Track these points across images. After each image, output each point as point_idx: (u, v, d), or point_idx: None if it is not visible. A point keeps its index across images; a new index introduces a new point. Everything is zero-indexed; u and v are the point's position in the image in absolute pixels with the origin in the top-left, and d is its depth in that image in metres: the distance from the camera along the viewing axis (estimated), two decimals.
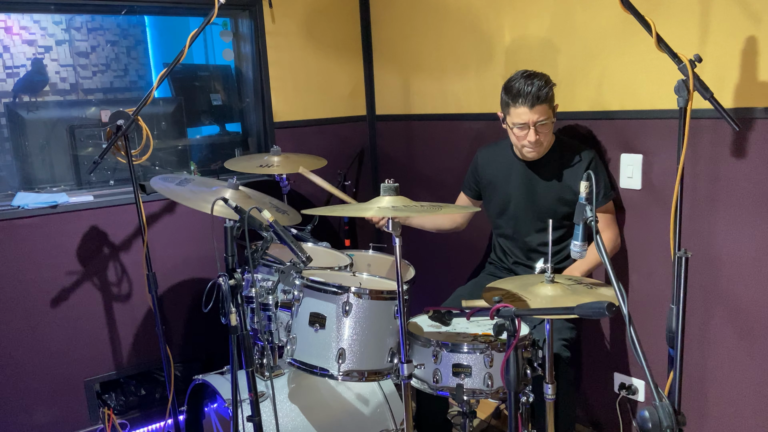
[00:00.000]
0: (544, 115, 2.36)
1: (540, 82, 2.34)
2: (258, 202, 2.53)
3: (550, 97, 2.36)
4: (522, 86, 2.35)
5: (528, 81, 2.35)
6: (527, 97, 2.34)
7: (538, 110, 2.35)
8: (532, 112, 2.35)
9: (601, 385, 2.78)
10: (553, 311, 1.78)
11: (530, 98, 2.34)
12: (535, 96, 2.33)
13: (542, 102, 2.34)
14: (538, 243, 2.58)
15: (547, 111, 2.37)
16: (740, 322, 2.26)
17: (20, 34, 3.64)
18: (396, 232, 1.87)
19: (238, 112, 3.63)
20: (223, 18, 3.48)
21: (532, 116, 2.36)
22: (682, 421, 1.22)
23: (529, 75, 2.37)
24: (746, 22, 2.08)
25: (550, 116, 2.39)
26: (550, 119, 2.38)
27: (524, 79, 2.36)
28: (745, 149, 2.15)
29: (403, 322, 1.92)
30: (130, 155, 2.45)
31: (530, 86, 2.33)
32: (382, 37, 3.65)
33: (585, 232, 1.74)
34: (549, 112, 2.37)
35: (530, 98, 2.34)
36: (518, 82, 2.36)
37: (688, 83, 1.78)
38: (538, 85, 2.33)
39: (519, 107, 2.36)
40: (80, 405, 2.97)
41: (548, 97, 2.35)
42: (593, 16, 2.53)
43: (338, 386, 2.50)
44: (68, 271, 2.87)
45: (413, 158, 3.58)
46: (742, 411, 2.31)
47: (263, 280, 2.30)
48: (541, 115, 2.35)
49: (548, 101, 2.36)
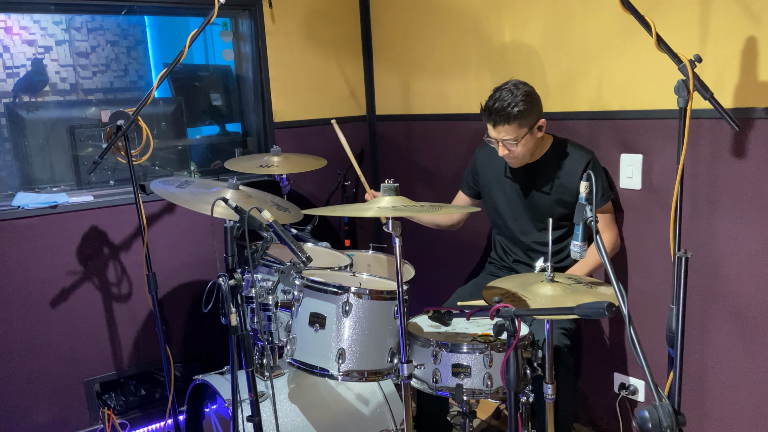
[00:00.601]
0: (509, 135, 2.32)
1: (509, 101, 2.28)
2: (259, 201, 2.53)
3: (517, 115, 2.28)
4: (490, 102, 2.32)
5: (496, 98, 2.30)
6: (490, 116, 2.33)
7: (502, 130, 2.33)
8: (496, 131, 2.35)
9: (601, 385, 2.78)
10: (553, 311, 1.78)
11: (493, 117, 2.32)
12: (498, 116, 2.30)
13: (506, 122, 2.30)
14: (537, 242, 2.58)
15: (515, 131, 2.31)
16: (740, 322, 2.26)
17: (20, 34, 3.64)
18: (396, 232, 1.87)
19: (238, 112, 3.63)
20: (223, 18, 3.48)
21: (496, 134, 2.35)
22: (682, 421, 1.22)
23: (503, 90, 2.31)
24: (746, 22, 2.08)
25: (519, 135, 2.33)
26: (518, 138, 2.33)
27: (496, 94, 2.32)
28: (745, 149, 2.15)
29: (403, 322, 1.92)
30: (130, 155, 2.45)
31: (498, 103, 2.29)
32: (382, 37, 3.65)
33: (585, 233, 1.74)
34: (517, 132, 2.32)
35: (493, 117, 2.32)
36: (492, 95, 2.33)
37: (688, 83, 1.78)
38: (507, 104, 2.27)
39: (486, 122, 2.36)
40: (80, 405, 2.97)
41: (512, 117, 2.28)
42: (593, 16, 2.53)
43: (338, 386, 2.50)
44: (68, 271, 2.87)
45: (413, 158, 3.58)
46: (742, 411, 2.31)
47: (263, 280, 2.30)
48: (506, 135, 2.33)
49: (516, 121, 2.29)
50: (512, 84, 2.34)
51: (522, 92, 2.31)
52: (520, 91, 2.31)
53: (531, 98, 2.32)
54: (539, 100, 2.38)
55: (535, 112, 2.34)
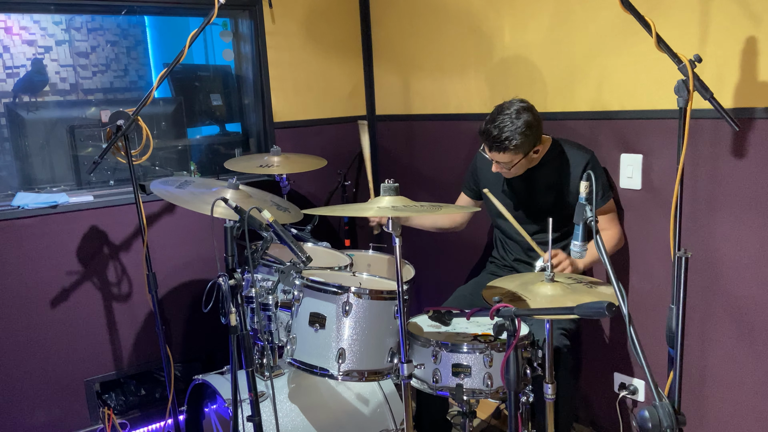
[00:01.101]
0: (504, 160, 2.34)
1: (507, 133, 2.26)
2: (259, 201, 2.52)
3: (513, 148, 2.28)
4: (489, 127, 2.32)
5: (495, 125, 2.29)
6: (487, 142, 2.34)
7: (497, 155, 2.34)
8: (492, 154, 2.37)
9: (601, 385, 2.78)
10: (553, 311, 1.78)
11: (489, 143, 2.34)
12: (495, 145, 2.31)
13: (501, 151, 2.31)
14: (537, 242, 2.58)
15: (509, 158, 2.33)
16: (740, 321, 2.26)
17: (20, 34, 3.64)
18: (396, 232, 1.87)
19: (238, 112, 3.63)
20: (223, 18, 3.48)
21: (492, 156, 2.37)
22: (682, 421, 1.22)
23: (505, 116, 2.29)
24: (746, 22, 2.08)
25: (514, 161, 2.34)
26: (513, 164, 2.35)
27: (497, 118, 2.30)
28: (745, 149, 2.15)
29: (403, 322, 1.92)
30: (130, 155, 2.45)
31: (497, 132, 2.29)
32: (382, 38, 3.65)
33: (585, 232, 1.74)
34: (512, 159, 2.33)
35: (489, 143, 2.34)
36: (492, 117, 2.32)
37: (688, 83, 1.78)
38: (505, 137, 2.27)
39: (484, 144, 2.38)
40: (80, 405, 2.97)
41: (509, 146, 2.28)
42: (593, 16, 2.53)
43: (338, 386, 2.50)
44: (68, 271, 2.87)
45: (413, 158, 3.58)
46: (742, 411, 2.31)
47: (263, 280, 2.30)
48: (501, 159, 2.35)
49: (510, 152, 2.30)
50: (515, 110, 2.29)
51: (522, 122, 2.27)
52: (521, 120, 2.27)
53: (530, 130, 2.29)
54: (539, 127, 2.36)
55: (531, 142, 2.33)
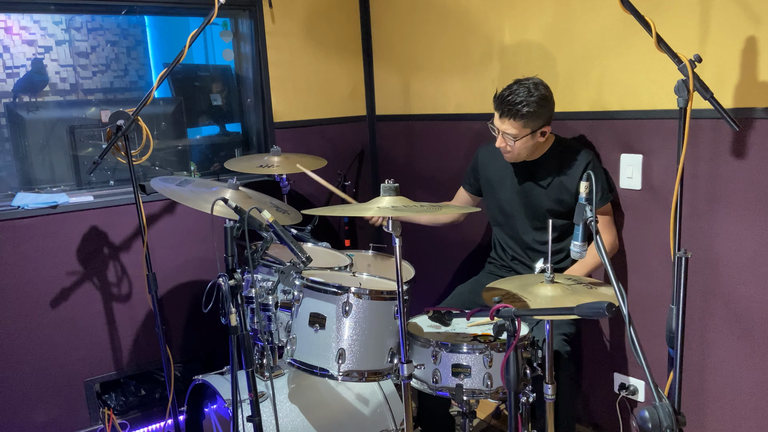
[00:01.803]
0: (511, 130, 2.34)
1: (522, 98, 2.28)
2: (258, 202, 2.53)
3: (525, 113, 2.29)
4: (505, 93, 2.33)
5: (512, 90, 2.32)
6: (500, 105, 2.34)
7: (506, 122, 2.34)
8: (500, 121, 2.36)
9: (601, 385, 2.78)
10: (553, 311, 1.78)
11: (501, 107, 2.34)
12: (507, 108, 2.31)
13: (511, 117, 2.31)
14: (535, 242, 2.58)
15: (518, 128, 2.33)
16: (740, 322, 2.26)
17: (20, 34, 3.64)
18: (396, 232, 1.87)
19: (238, 112, 3.63)
20: (223, 18, 3.48)
21: (500, 124, 2.37)
22: (682, 421, 1.22)
23: (522, 85, 2.32)
24: (746, 22, 2.08)
25: (520, 134, 2.34)
26: (518, 136, 2.35)
27: (514, 86, 2.33)
28: (745, 149, 2.15)
29: (403, 322, 1.92)
30: (130, 155, 2.45)
31: (512, 96, 2.31)
32: (382, 38, 3.65)
33: (585, 233, 1.74)
34: (519, 130, 2.33)
35: (501, 107, 2.34)
36: (510, 86, 2.34)
37: (688, 83, 1.78)
38: (519, 101, 2.28)
39: (495, 110, 2.38)
40: (80, 405, 2.97)
41: (521, 114, 2.29)
42: (593, 16, 2.53)
43: (338, 386, 2.50)
44: (68, 271, 2.87)
45: (413, 158, 3.58)
46: (742, 411, 2.31)
47: (263, 280, 2.30)
48: (509, 129, 2.34)
49: (521, 120, 2.31)
50: (533, 83, 2.33)
51: (539, 94, 2.30)
52: (538, 92, 2.30)
53: (544, 103, 2.32)
54: (552, 107, 2.37)
55: (543, 117, 2.34)
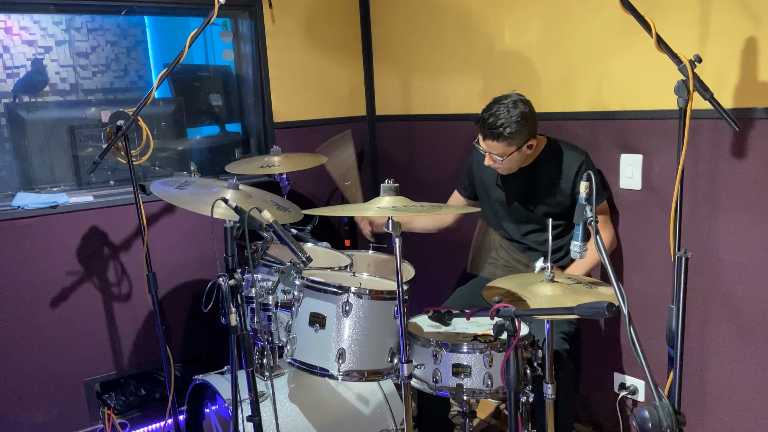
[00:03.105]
0: (495, 151, 2.33)
1: (503, 120, 2.26)
2: (259, 201, 2.52)
3: (506, 137, 2.28)
4: (485, 115, 2.32)
5: (491, 113, 2.30)
6: (482, 129, 2.33)
7: (490, 144, 2.33)
8: (485, 143, 2.36)
9: (601, 385, 2.78)
10: (553, 311, 1.78)
11: (483, 130, 2.33)
12: (489, 132, 2.30)
13: (494, 139, 2.30)
14: (533, 242, 2.58)
15: (502, 148, 2.32)
16: (740, 321, 2.26)
17: (20, 35, 3.64)
18: (396, 232, 1.87)
19: (238, 113, 3.63)
20: (223, 18, 3.48)
21: (485, 146, 2.37)
22: (682, 421, 1.22)
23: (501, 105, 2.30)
24: (746, 22, 2.08)
25: (506, 153, 2.33)
26: (504, 155, 2.34)
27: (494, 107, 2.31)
28: (745, 149, 2.15)
29: (403, 322, 1.92)
30: (130, 156, 2.45)
31: (492, 119, 2.29)
32: (382, 38, 3.65)
33: (584, 233, 1.74)
34: (504, 149, 2.32)
35: (483, 130, 2.33)
36: (489, 107, 2.33)
37: (688, 83, 1.78)
38: (499, 124, 2.27)
39: (479, 133, 2.37)
40: (80, 405, 2.97)
41: (503, 135, 2.28)
42: (593, 16, 2.53)
43: (338, 386, 2.50)
44: (68, 271, 2.87)
45: (413, 158, 3.58)
46: (742, 411, 2.31)
47: (263, 280, 2.30)
48: (493, 150, 2.34)
49: (504, 141, 2.29)
50: (511, 101, 2.31)
51: (518, 113, 2.28)
52: (517, 110, 2.28)
53: (525, 120, 2.30)
54: (534, 121, 2.36)
55: (526, 134, 2.32)
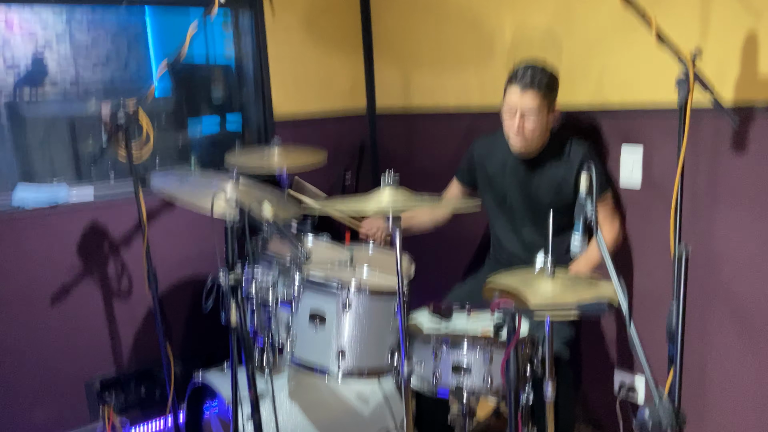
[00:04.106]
0: (533, 102, 2.32)
1: (540, 73, 2.33)
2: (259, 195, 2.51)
3: (545, 85, 2.32)
4: (521, 70, 2.35)
5: (526, 68, 2.35)
6: (521, 80, 2.33)
7: (528, 95, 2.32)
8: (521, 95, 2.33)
9: (601, 385, 2.78)
10: (554, 308, 1.77)
11: (523, 81, 2.33)
12: (528, 81, 2.32)
13: (534, 87, 2.31)
14: (535, 235, 2.57)
15: (539, 101, 2.32)
16: (740, 319, 2.26)
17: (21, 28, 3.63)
18: (397, 224, 1.86)
19: (238, 107, 3.62)
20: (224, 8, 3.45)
21: (520, 99, 2.33)
22: (682, 420, 1.22)
23: (529, 66, 2.35)
24: (747, 16, 2.06)
25: (541, 108, 2.34)
26: (539, 111, 2.34)
27: (526, 66, 2.36)
28: (746, 144, 2.14)
29: (403, 319, 1.91)
30: (131, 149, 2.44)
31: (531, 70, 2.33)
32: (383, 32, 3.63)
33: (585, 228, 1.74)
34: (540, 103, 2.33)
35: (523, 81, 2.33)
36: (520, 67, 2.36)
37: (689, 78, 1.77)
38: (538, 73, 2.32)
39: (512, 86, 2.36)
40: (80, 403, 2.96)
41: (542, 86, 2.32)
42: (593, 10, 2.51)
43: (338, 385, 2.50)
44: (68, 267, 2.87)
45: (413, 153, 3.57)
46: (742, 410, 2.31)
47: (263, 276, 2.29)
48: (530, 102, 2.32)
49: (542, 89, 2.32)
50: (540, 64, 2.38)
51: (549, 72, 2.37)
52: (548, 71, 2.37)
53: (554, 80, 2.39)
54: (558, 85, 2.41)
55: (554, 93, 2.39)
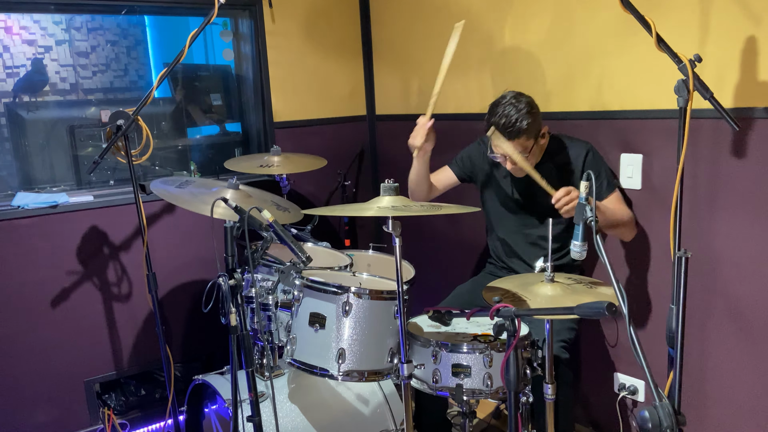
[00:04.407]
0: (520, 148, 2.31)
1: (516, 115, 2.25)
2: (259, 201, 2.52)
3: (526, 129, 2.27)
4: (498, 120, 2.29)
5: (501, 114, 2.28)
6: (504, 132, 2.29)
7: (516, 143, 2.30)
8: (508, 144, 2.30)
9: (601, 385, 2.78)
10: (553, 311, 1.78)
11: (506, 133, 2.28)
12: (510, 131, 2.27)
13: (518, 136, 2.28)
14: (535, 239, 2.57)
15: (524, 142, 2.30)
16: (740, 322, 2.26)
17: (20, 34, 3.63)
18: (396, 232, 1.87)
19: (238, 112, 3.63)
20: (223, 18, 3.48)
21: (508, 147, 2.30)
22: (682, 421, 1.22)
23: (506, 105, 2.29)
24: (746, 22, 2.08)
25: (528, 147, 2.32)
26: (527, 150, 2.33)
27: (499, 109, 2.29)
28: (745, 149, 2.15)
29: (403, 322, 1.92)
30: (130, 155, 2.45)
31: (506, 119, 2.27)
32: (382, 37, 3.65)
33: (585, 232, 1.74)
34: (526, 144, 2.31)
35: (506, 133, 2.28)
36: (495, 112, 2.31)
37: (688, 83, 1.78)
38: (515, 119, 2.25)
39: (497, 134, 2.31)
40: (80, 405, 2.97)
41: (525, 130, 2.27)
42: (593, 15, 2.53)
43: (338, 386, 2.50)
44: (68, 271, 2.87)
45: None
46: (741, 411, 2.31)
47: (263, 280, 2.30)
48: (518, 147, 2.30)
49: (525, 134, 2.28)
50: (512, 97, 2.31)
51: (524, 104, 2.29)
52: (521, 103, 2.29)
53: (533, 109, 2.32)
54: (538, 109, 2.36)
55: (538, 122, 2.34)
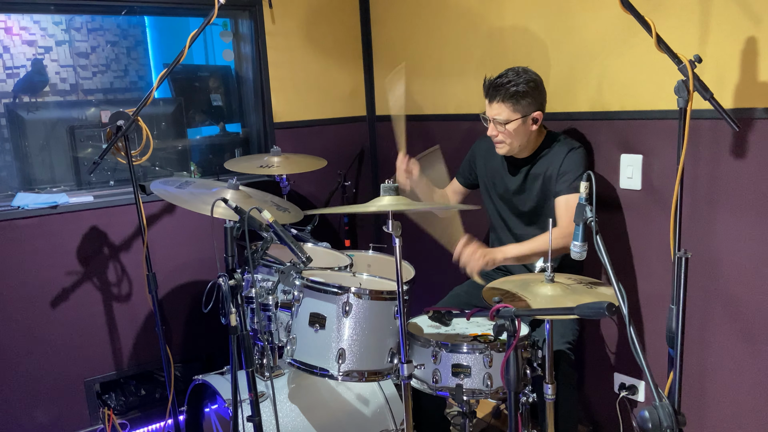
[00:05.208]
0: (501, 114, 2.30)
1: (511, 79, 2.26)
2: (259, 201, 2.52)
3: (513, 95, 2.26)
4: (493, 77, 2.31)
5: (502, 74, 2.30)
6: (488, 89, 2.31)
7: (495, 106, 2.31)
8: (489, 107, 2.33)
9: (601, 385, 2.78)
10: (553, 311, 1.78)
11: (490, 91, 2.31)
12: (494, 91, 2.28)
13: (499, 98, 2.28)
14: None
15: (507, 112, 2.29)
16: (740, 322, 2.26)
17: (20, 35, 3.64)
18: (396, 233, 1.87)
19: (238, 112, 3.63)
20: (223, 18, 3.48)
21: (489, 110, 2.33)
22: (682, 421, 1.22)
23: (511, 71, 2.31)
24: (746, 22, 2.08)
25: (511, 118, 2.30)
26: (509, 120, 2.31)
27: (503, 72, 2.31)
28: (745, 150, 2.15)
29: (403, 322, 1.92)
30: (130, 156, 2.45)
31: (499, 79, 2.28)
32: (382, 38, 3.65)
33: (585, 233, 1.74)
34: (509, 114, 2.30)
35: (490, 91, 2.31)
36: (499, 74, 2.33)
37: (688, 83, 1.78)
38: (507, 81, 2.26)
39: (485, 98, 2.34)
40: (80, 405, 2.97)
41: (510, 97, 2.27)
42: (593, 16, 2.53)
43: (338, 386, 2.50)
44: (68, 271, 2.87)
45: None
46: (741, 411, 2.31)
47: (263, 280, 2.30)
48: (498, 113, 2.30)
49: (510, 100, 2.27)
50: (522, 68, 2.33)
51: (527, 77, 2.30)
52: (526, 75, 2.30)
53: (534, 85, 2.31)
54: (543, 92, 2.36)
55: (533, 100, 2.31)
